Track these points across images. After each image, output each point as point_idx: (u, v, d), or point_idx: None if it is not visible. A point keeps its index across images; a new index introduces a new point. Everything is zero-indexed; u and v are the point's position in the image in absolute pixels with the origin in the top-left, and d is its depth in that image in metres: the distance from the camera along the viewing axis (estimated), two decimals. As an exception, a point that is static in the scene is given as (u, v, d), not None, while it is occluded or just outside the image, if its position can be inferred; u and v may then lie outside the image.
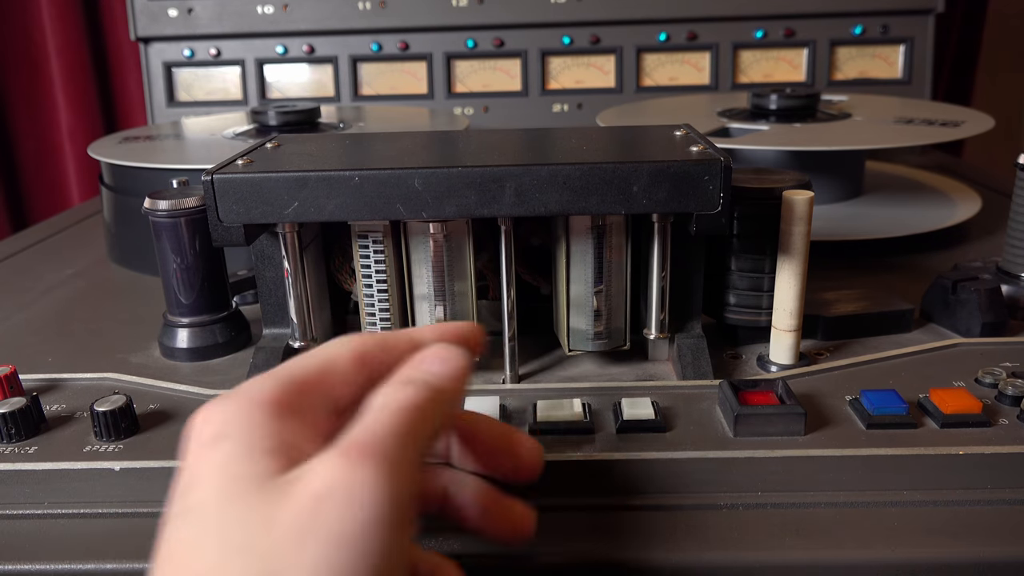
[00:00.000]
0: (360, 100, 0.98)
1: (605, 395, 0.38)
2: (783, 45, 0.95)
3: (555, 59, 0.96)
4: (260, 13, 0.94)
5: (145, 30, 0.95)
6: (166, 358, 0.46)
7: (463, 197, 0.37)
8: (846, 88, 0.94)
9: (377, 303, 0.42)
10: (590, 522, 0.31)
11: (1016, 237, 0.48)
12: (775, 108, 0.71)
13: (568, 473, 0.33)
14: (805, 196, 0.39)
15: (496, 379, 0.42)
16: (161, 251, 0.44)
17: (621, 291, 0.42)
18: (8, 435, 0.36)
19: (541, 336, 0.46)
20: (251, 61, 0.97)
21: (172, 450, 0.35)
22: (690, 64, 0.96)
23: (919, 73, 0.94)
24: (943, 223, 0.63)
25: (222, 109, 0.96)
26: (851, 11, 0.93)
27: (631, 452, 0.33)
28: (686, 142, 0.41)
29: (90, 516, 0.33)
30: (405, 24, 0.95)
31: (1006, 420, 0.35)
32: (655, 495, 0.33)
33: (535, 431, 0.35)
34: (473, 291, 0.41)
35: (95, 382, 0.42)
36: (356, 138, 0.47)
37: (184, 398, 0.39)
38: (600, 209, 0.37)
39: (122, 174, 0.64)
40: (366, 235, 0.41)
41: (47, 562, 0.31)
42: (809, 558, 0.30)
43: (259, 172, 0.38)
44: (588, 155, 0.38)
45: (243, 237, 0.39)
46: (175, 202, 0.43)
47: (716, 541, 0.30)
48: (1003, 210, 0.59)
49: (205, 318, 0.45)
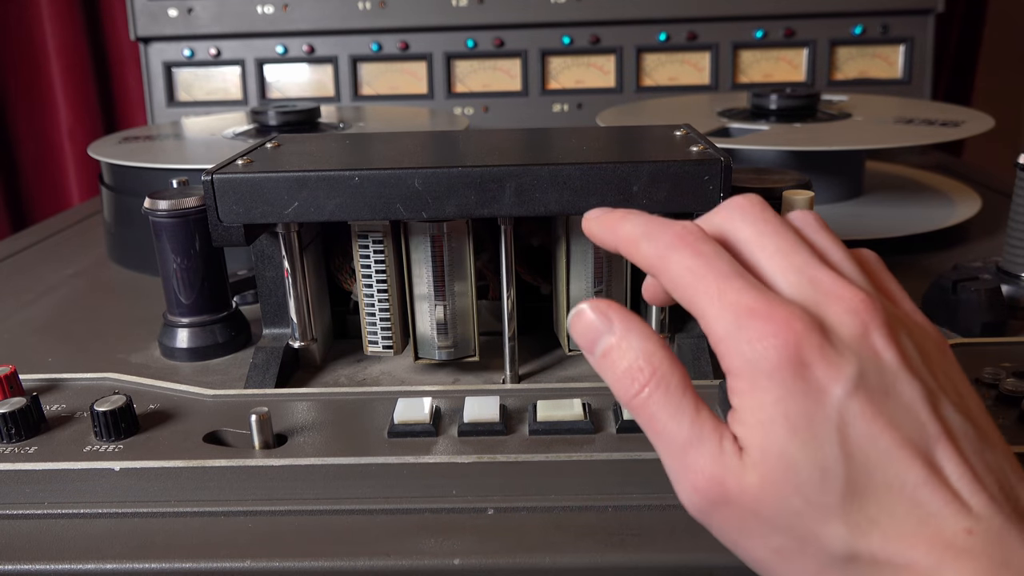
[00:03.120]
0: (360, 100, 0.98)
1: (605, 395, 0.38)
2: (783, 45, 0.95)
3: (555, 59, 0.96)
4: (260, 13, 0.94)
5: (145, 30, 0.95)
6: (166, 358, 0.46)
7: (463, 197, 0.37)
8: (846, 88, 0.94)
9: (377, 303, 0.42)
10: (590, 522, 0.31)
11: (1016, 237, 0.48)
12: (775, 108, 0.71)
13: (568, 473, 0.33)
14: (805, 196, 0.39)
15: (496, 379, 0.42)
16: (161, 251, 0.44)
17: (621, 291, 0.42)
18: (8, 435, 0.36)
19: (541, 336, 0.46)
20: (251, 61, 0.97)
21: (172, 450, 0.35)
22: (690, 64, 0.96)
23: (919, 73, 0.94)
24: (943, 223, 0.63)
25: (222, 109, 0.96)
26: (851, 11, 0.93)
27: (631, 452, 0.33)
28: (686, 142, 0.41)
29: (90, 516, 0.33)
30: (405, 24, 0.94)
31: (1006, 421, 0.35)
32: (654, 495, 0.33)
33: (535, 431, 0.35)
34: (473, 291, 0.41)
35: (95, 382, 0.42)
36: (356, 138, 0.47)
37: (184, 398, 0.39)
38: (600, 209, 0.37)
39: (122, 174, 0.64)
40: (366, 235, 0.41)
41: (47, 562, 0.30)
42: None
43: (259, 172, 0.38)
44: (588, 155, 0.38)
45: (243, 237, 0.39)
46: (175, 202, 0.43)
47: (716, 541, 0.30)
48: (1003, 210, 0.59)
49: (205, 318, 0.45)
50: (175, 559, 0.30)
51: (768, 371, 0.23)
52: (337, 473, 0.33)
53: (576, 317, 0.27)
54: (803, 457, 0.23)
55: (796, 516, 0.23)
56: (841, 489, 0.23)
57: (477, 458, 0.33)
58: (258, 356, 0.42)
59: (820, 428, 0.23)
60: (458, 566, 0.30)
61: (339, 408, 0.38)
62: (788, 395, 0.23)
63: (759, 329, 0.24)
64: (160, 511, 0.33)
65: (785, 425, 0.23)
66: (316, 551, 0.30)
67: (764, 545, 0.24)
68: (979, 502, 0.22)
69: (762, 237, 0.26)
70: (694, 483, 0.25)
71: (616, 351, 0.26)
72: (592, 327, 0.26)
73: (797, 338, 0.23)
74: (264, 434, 0.35)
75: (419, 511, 0.32)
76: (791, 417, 0.23)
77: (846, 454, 0.23)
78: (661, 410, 0.25)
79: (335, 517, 0.32)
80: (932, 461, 0.23)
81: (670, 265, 0.26)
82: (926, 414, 0.23)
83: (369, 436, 0.35)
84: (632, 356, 0.25)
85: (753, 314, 0.24)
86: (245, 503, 0.33)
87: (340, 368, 0.44)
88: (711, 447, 0.24)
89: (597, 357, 0.26)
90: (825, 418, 0.23)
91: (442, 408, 0.37)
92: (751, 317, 0.24)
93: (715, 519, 0.25)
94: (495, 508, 0.32)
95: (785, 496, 0.23)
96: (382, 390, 0.39)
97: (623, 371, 0.26)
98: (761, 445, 0.24)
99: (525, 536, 0.31)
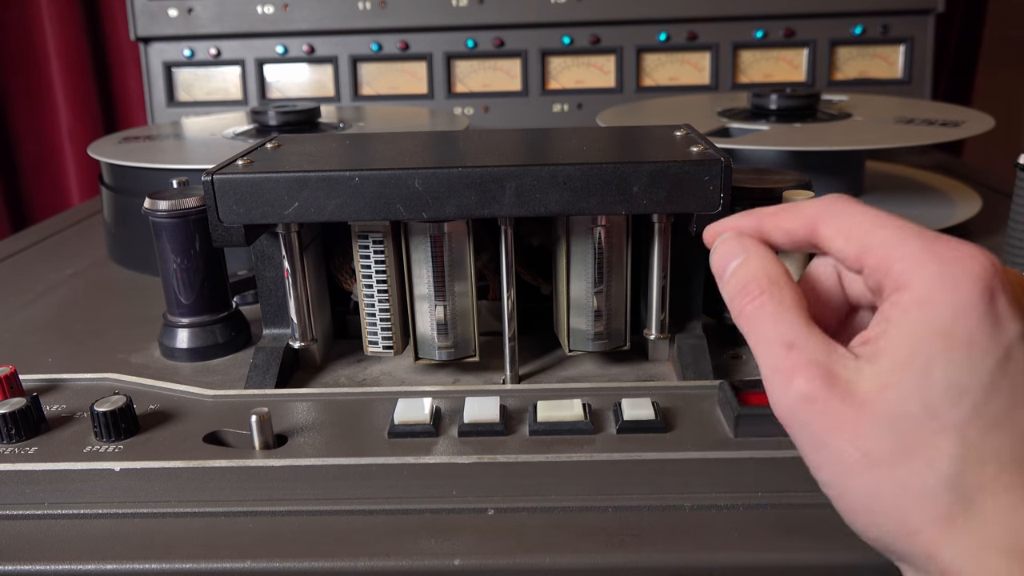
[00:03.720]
0: (360, 100, 0.98)
1: (605, 395, 0.38)
2: (783, 45, 0.95)
3: (555, 59, 0.96)
4: (260, 13, 0.94)
5: (145, 30, 0.95)
6: (166, 358, 0.46)
7: (463, 197, 0.37)
8: (846, 88, 0.94)
9: (377, 303, 0.42)
10: (590, 523, 0.31)
11: (1016, 237, 0.48)
12: (775, 108, 0.71)
13: (568, 473, 0.33)
14: (805, 196, 0.39)
15: (496, 379, 0.42)
16: (161, 251, 0.44)
17: (621, 291, 0.42)
18: (8, 435, 0.36)
19: (541, 336, 0.46)
20: (251, 61, 0.97)
21: (172, 450, 0.35)
22: (690, 64, 0.96)
23: (919, 73, 0.94)
24: (943, 223, 0.63)
25: (222, 109, 0.96)
26: (851, 11, 0.93)
27: (631, 452, 0.33)
28: (686, 142, 0.41)
29: (90, 516, 0.33)
30: (405, 24, 0.94)
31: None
32: (654, 495, 0.33)
33: (535, 431, 0.35)
34: (473, 291, 0.41)
35: (95, 382, 0.42)
36: (356, 138, 0.47)
37: (184, 398, 0.39)
38: (600, 209, 0.37)
39: (122, 174, 0.64)
40: (366, 235, 0.41)
41: (47, 562, 0.31)
42: (809, 558, 0.30)
43: (259, 172, 0.38)
44: (588, 155, 0.38)
45: (243, 237, 0.39)
46: (175, 202, 0.43)
47: (716, 541, 0.30)
48: (1003, 210, 0.59)
49: (205, 318, 0.45)
50: (175, 559, 0.30)
51: (952, 288, 0.24)
52: (337, 473, 0.33)
53: (719, 244, 0.29)
54: (947, 372, 0.23)
55: (911, 421, 0.23)
56: (970, 411, 0.23)
57: (477, 458, 0.33)
58: (258, 356, 0.42)
59: (979, 354, 0.23)
60: (458, 566, 0.30)
61: (339, 408, 0.38)
62: (963, 315, 0.23)
63: (957, 259, 0.24)
64: (160, 511, 0.33)
65: (944, 341, 0.23)
66: (316, 551, 0.30)
67: (854, 446, 0.24)
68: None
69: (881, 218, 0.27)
70: (798, 373, 0.25)
71: (742, 267, 0.28)
72: (729, 251, 0.29)
73: (991, 277, 0.24)
74: (264, 434, 0.35)
75: (419, 511, 0.32)
76: (954, 335, 0.23)
77: (994, 385, 0.23)
78: (770, 318, 0.26)
79: (335, 517, 0.32)
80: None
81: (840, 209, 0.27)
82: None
83: (369, 436, 0.35)
84: (754, 270, 0.27)
85: (951, 245, 0.24)
86: (245, 503, 0.33)
87: (340, 368, 0.44)
88: (823, 345, 0.25)
89: (727, 277, 0.28)
90: (992, 347, 0.23)
91: (442, 408, 0.37)
92: (948, 247, 0.24)
93: (807, 414, 0.25)
94: (495, 508, 0.32)
95: (905, 400, 0.24)
96: (382, 390, 0.39)
97: (743, 284, 0.27)
98: (905, 353, 0.24)
99: (525, 536, 0.31)
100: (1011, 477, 0.23)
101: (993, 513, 0.22)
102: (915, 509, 0.23)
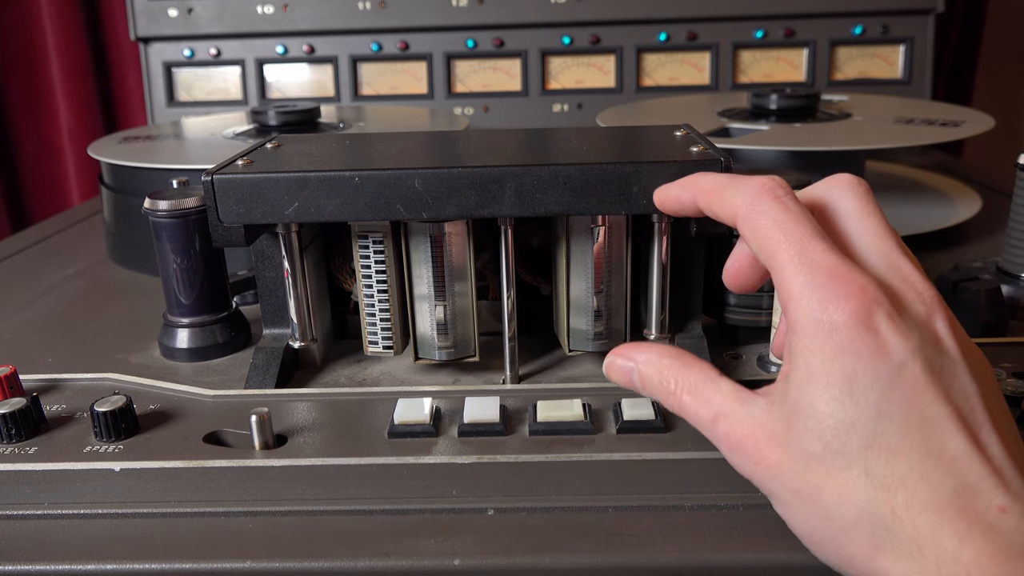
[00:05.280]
0: (360, 100, 0.98)
1: (605, 395, 0.38)
2: (783, 45, 0.95)
3: (555, 59, 0.96)
4: (260, 13, 0.94)
5: (145, 30, 0.95)
6: (166, 358, 0.46)
7: (463, 197, 0.37)
8: (846, 88, 0.94)
9: (377, 303, 0.42)
10: (590, 523, 0.31)
11: (1016, 237, 0.48)
12: (775, 108, 0.71)
13: (568, 473, 0.33)
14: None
15: (496, 379, 0.42)
16: (161, 251, 0.44)
17: (621, 291, 0.42)
18: (8, 435, 0.36)
19: (541, 336, 0.46)
20: (251, 61, 0.97)
21: (172, 450, 0.35)
22: (690, 64, 0.96)
23: (919, 73, 0.94)
24: (943, 223, 0.63)
25: (222, 109, 0.96)
26: (851, 11, 0.93)
27: (631, 452, 0.33)
28: (686, 142, 0.41)
29: (90, 516, 0.33)
30: (405, 24, 0.95)
31: (1006, 420, 0.35)
32: (654, 495, 0.33)
33: (535, 431, 0.35)
34: (473, 291, 0.41)
35: (95, 382, 0.42)
36: (356, 138, 0.47)
37: (184, 398, 0.39)
38: (600, 209, 0.37)
39: (122, 174, 0.64)
40: (366, 235, 0.41)
41: (47, 562, 0.31)
42: (809, 558, 0.29)
43: (259, 172, 0.38)
44: (588, 155, 0.38)
45: (243, 237, 0.39)
46: (175, 202, 0.43)
47: (716, 541, 0.30)
48: (1003, 210, 0.59)
49: (205, 318, 0.45)
50: (175, 559, 0.30)
51: (830, 330, 0.25)
52: (337, 473, 0.33)
53: (608, 368, 0.32)
54: (831, 410, 0.24)
55: (816, 459, 0.25)
56: (864, 443, 0.24)
57: (477, 458, 0.33)
58: (258, 356, 0.42)
59: (859, 388, 0.24)
60: (458, 566, 0.30)
61: (339, 408, 0.38)
62: (842, 353, 0.24)
63: (835, 291, 0.25)
64: (160, 511, 0.33)
65: (824, 379, 0.25)
66: (316, 551, 0.30)
67: (786, 488, 0.26)
68: (1021, 486, 0.23)
69: (866, 215, 0.28)
70: (728, 445, 0.28)
71: (644, 379, 0.30)
72: (623, 370, 0.31)
73: (869, 304, 0.24)
74: (264, 434, 0.35)
75: (419, 511, 0.32)
76: (831, 373, 0.24)
77: (882, 415, 0.24)
78: (694, 406, 0.29)
79: (335, 517, 0.32)
80: (977, 438, 0.23)
81: (757, 216, 0.27)
82: (976, 400, 0.24)
83: (369, 436, 0.35)
84: (656, 377, 0.30)
85: (832, 276, 0.25)
86: (245, 503, 0.33)
87: (340, 368, 0.44)
88: (738, 412, 0.27)
89: (639, 390, 0.31)
90: (875, 377, 0.24)
91: (442, 408, 0.37)
92: (829, 278, 0.25)
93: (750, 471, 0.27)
94: (495, 508, 0.32)
95: (807, 441, 0.25)
96: (382, 390, 0.39)
97: (657, 392, 0.30)
98: (796, 397, 0.25)
99: (525, 536, 0.31)
100: (923, 503, 0.23)
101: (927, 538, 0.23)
102: (843, 540, 0.24)
